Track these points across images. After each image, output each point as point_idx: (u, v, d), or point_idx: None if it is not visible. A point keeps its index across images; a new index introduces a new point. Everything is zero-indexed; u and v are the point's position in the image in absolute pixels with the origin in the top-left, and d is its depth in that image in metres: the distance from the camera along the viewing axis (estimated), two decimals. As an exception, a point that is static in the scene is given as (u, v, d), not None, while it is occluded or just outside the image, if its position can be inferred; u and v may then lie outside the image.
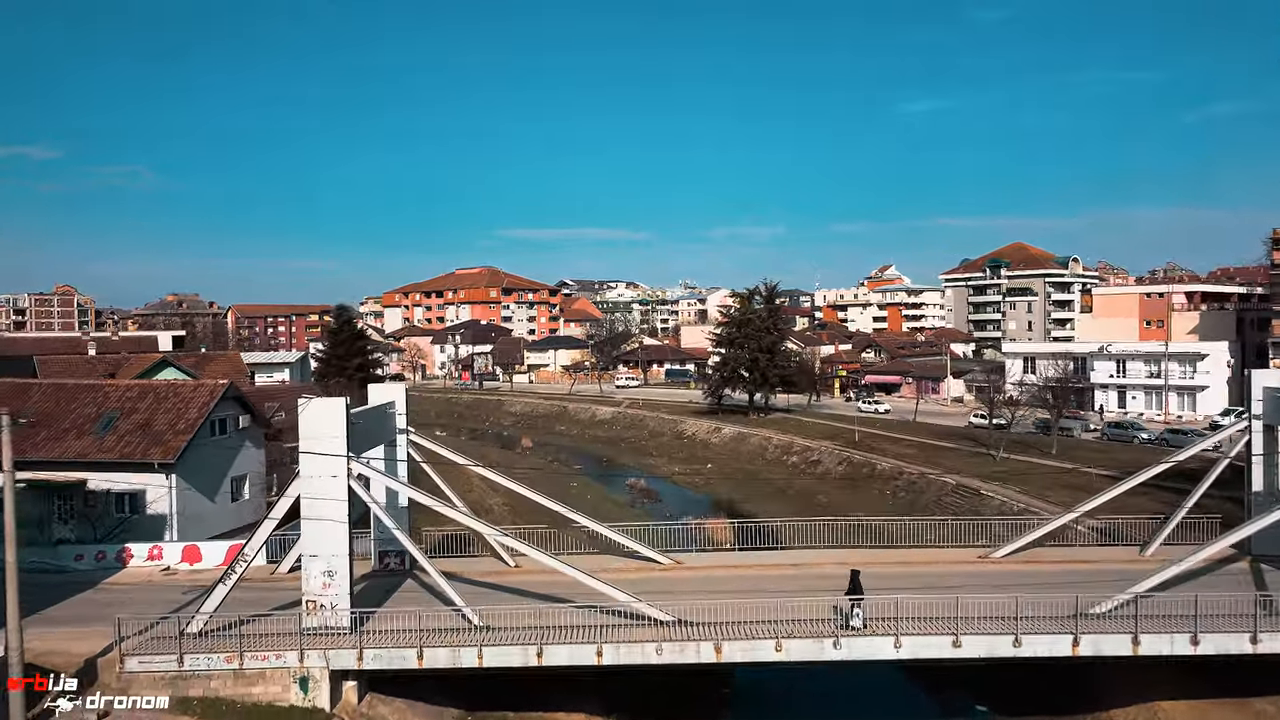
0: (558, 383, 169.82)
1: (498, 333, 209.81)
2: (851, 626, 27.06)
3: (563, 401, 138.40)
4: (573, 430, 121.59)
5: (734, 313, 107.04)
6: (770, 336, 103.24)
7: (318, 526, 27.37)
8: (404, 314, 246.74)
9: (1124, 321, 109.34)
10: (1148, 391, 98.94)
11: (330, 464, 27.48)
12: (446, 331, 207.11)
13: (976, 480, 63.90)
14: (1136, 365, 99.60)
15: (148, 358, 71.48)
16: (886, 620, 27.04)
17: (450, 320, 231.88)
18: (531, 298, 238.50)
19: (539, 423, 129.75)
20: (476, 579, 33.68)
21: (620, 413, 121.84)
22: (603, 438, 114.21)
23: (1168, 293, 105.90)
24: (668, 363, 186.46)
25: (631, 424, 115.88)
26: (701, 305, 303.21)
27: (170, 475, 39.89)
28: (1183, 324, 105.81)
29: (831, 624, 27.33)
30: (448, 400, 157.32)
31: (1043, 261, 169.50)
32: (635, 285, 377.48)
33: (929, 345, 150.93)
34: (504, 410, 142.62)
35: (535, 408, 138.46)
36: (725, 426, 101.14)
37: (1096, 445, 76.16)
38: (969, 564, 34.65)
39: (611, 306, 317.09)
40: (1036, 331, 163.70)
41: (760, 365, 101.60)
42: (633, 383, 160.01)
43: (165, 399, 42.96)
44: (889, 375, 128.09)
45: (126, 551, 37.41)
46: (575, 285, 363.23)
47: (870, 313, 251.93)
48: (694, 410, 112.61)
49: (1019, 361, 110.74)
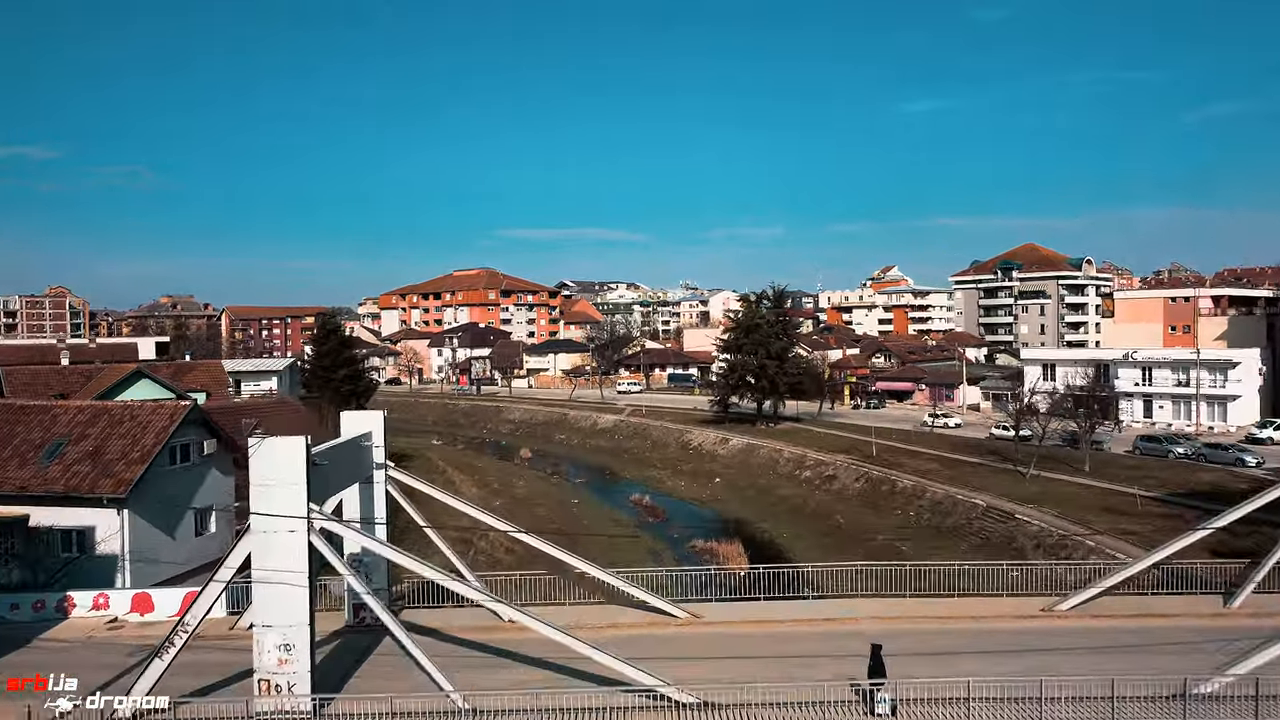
0: (558, 388, 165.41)
1: (496, 336, 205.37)
2: (877, 715, 22.55)
3: (563, 408, 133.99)
4: (573, 439, 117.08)
5: (741, 317, 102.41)
6: (779, 342, 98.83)
7: (272, 593, 22.87)
8: (401, 316, 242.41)
9: (1148, 327, 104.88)
10: (1175, 401, 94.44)
11: (287, 517, 23.00)
12: (444, 334, 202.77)
13: (1008, 501, 59.43)
14: (1163, 373, 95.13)
15: (120, 369, 67.01)
16: (949, 703, 22.58)
17: (448, 323, 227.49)
18: (531, 300, 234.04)
19: (538, 431, 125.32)
20: (465, 637, 29.26)
21: (622, 421, 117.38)
22: (605, 448, 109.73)
23: (1194, 297, 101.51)
24: (670, 367, 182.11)
25: (634, 433, 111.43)
26: (704, 307, 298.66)
27: (122, 511, 35.46)
28: (1210, 329, 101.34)
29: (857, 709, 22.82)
30: (445, 406, 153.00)
31: (1055, 263, 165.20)
32: (636, 286, 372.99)
33: (940, 349, 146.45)
34: (502, 417, 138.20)
35: (534, 414, 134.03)
36: (733, 437, 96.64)
37: (1130, 460, 71.66)
38: (1032, 619, 30.16)
39: (612, 308, 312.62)
40: (1049, 335, 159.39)
41: (769, 373, 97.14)
42: (635, 388, 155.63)
43: (120, 423, 38.47)
44: (901, 382, 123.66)
45: (69, 600, 32.89)
46: (575, 287, 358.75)
47: (876, 315, 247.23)
48: (700, 419, 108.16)
49: (1038, 368, 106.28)
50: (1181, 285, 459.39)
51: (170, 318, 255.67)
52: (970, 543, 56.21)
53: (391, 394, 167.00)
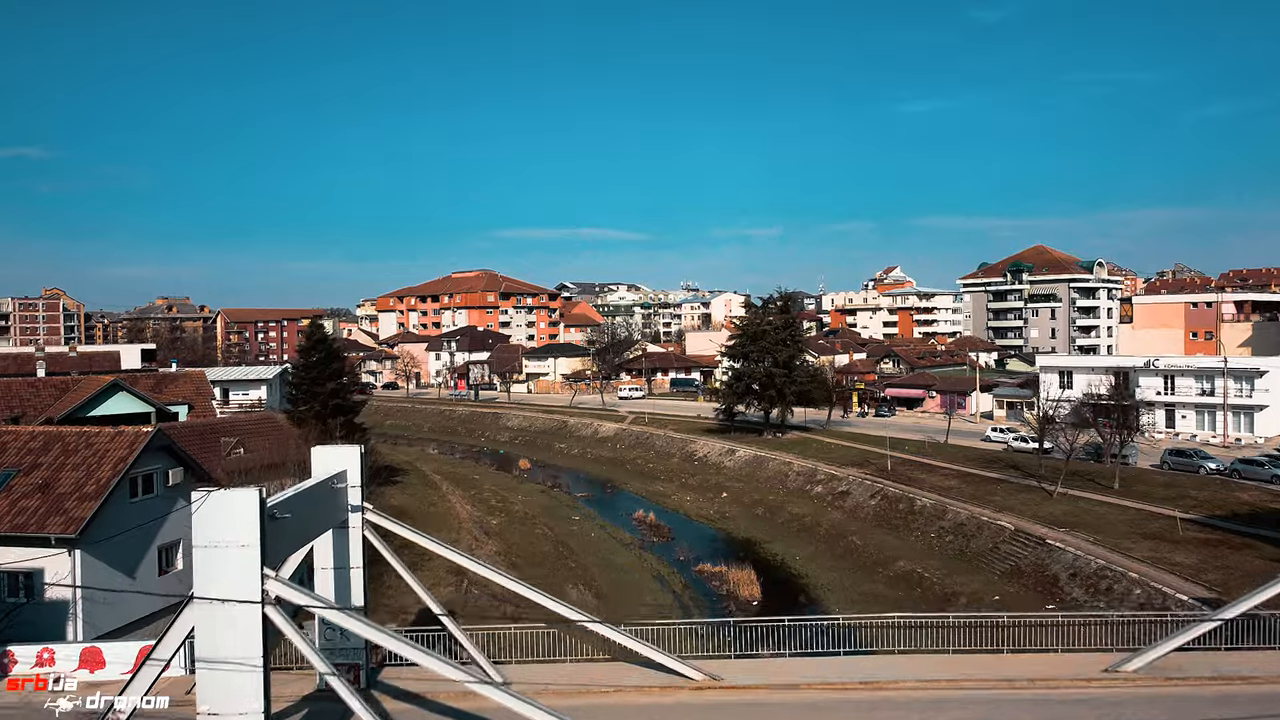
0: (558, 393, 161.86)
1: (495, 339, 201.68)
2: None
3: (563, 415, 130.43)
4: (574, 449, 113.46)
5: (747, 324, 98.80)
6: (787, 350, 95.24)
7: (218, 678, 19.27)
8: (399, 319, 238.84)
9: (1168, 333, 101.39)
10: (1199, 411, 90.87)
11: (237, 584, 19.44)
12: (442, 338, 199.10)
13: (1037, 524, 55.80)
14: (1186, 381, 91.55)
15: (97, 381, 63.38)
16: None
17: (447, 326, 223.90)
18: (530, 302, 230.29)
19: (538, 440, 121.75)
20: (451, 705, 25.75)
21: (624, 430, 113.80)
22: (606, 458, 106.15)
23: (1216, 302, 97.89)
24: (673, 371, 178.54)
25: (637, 442, 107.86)
26: (705, 309, 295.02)
27: (73, 552, 31.91)
28: (1234, 336, 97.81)
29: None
30: (442, 412, 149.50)
31: (1066, 265, 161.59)
32: (636, 288, 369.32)
33: (949, 355, 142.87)
34: (501, 424, 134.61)
35: (534, 422, 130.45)
36: (739, 448, 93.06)
37: (1159, 476, 68.00)
38: (1094, 682, 26.59)
39: (613, 310, 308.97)
40: (1060, 339, 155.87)
41: (776, 382, 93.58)
42: (636, 394, 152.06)
43: (75, 451, 34.88)
44: (911, 389, 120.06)
45: (9, 656, 29.32)
46: (575, 288, 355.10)
47: (880, 317, 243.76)
48: (704, 427, 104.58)
49: (1054, 376, 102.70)
50: (1188, 287, 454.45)
51: (165, 320, 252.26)
52: (999, 570, 52.63)
53: (388, 399, 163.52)
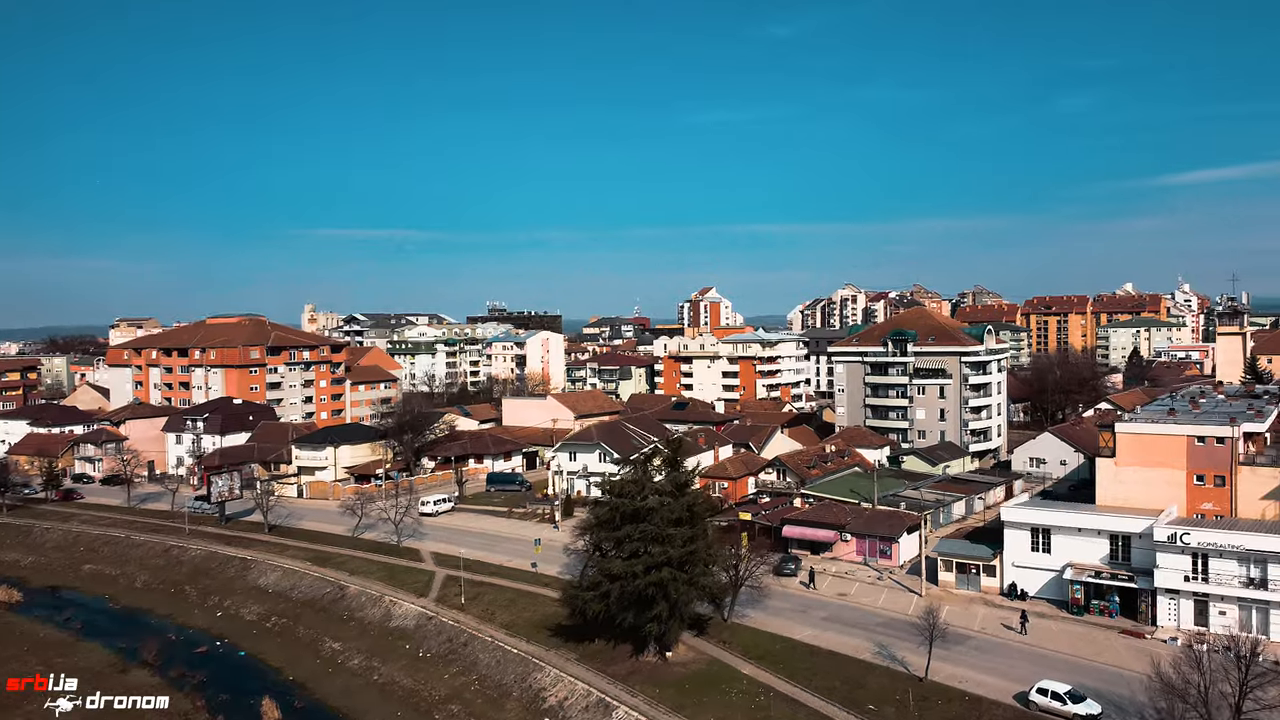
0: (337, 500, 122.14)
1: (258, 414, 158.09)
2: None
3: (340, 566, 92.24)
4: (352, 660, 74.75)
5: (616, 494, 64.93)
6: (684, 533, 62.31)
7: None
8: (135, 376, 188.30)
9: (1166, 475, 76.10)
10: (1244, 607, 65.33)
11: None
12: (185, 416, 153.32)
13: None
14: (1227, 565, 65.98)
15: None
16: None
17: (198, 388, 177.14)
18: (308, 356, 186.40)
19: (300, 625, 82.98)
20: None
21: (430, 620, 77.16)
22: (401, 692, 68.86)
23: (1229, 438, 73.68)
24: (489, 457, 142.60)
25: (449, 656, 71.45)
26: (519, 349, 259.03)
27: None
28: (1256, 485, 73.55)
29: None
30: (167, 551, 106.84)
31: (954, 334, 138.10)
32: (439, 320, 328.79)
33: (839, 456, 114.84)
34: (249, 583, 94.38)
35: (296, 582, 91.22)
36: (619, 704, 58.99)
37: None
38: None
39: (412, 348, 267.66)
40: (950, 423, 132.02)
41: (671, 593, 60.51)
42: (444, 505, 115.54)
43: None
44: (818, 528, 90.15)
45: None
46: (367, 320, 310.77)
47: (720, 367, 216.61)
48: (550, 621, 70.29)
49: (1024, 533, 75.47)
50: (991, 312, 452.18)
51: None
52: None
53: (101, 516, 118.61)
